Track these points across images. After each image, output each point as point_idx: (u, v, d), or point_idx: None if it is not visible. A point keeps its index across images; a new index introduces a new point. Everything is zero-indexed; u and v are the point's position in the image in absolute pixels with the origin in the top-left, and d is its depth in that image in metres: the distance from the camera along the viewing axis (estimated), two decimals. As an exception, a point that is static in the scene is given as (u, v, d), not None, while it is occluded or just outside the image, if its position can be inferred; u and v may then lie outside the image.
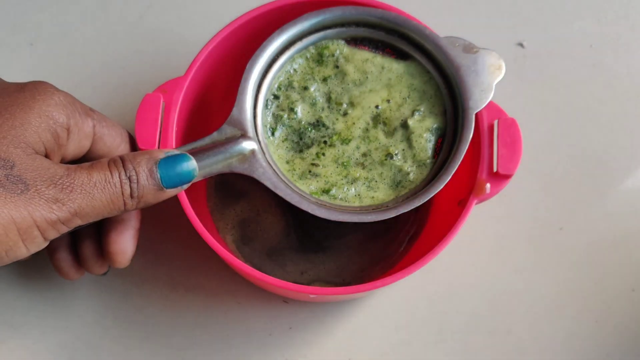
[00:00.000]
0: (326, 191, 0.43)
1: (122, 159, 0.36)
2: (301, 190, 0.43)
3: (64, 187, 0.34)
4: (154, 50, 0.56)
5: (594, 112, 0.56)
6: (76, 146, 0.39)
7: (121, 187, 0.36)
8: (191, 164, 0.38)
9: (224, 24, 0.46)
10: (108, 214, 0.36)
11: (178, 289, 0.51)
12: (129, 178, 0.36)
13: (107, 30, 0.57)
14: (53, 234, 0.35)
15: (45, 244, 0.35)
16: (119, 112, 0.53)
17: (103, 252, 0.42)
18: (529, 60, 0.57)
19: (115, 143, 0.41)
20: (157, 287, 0.51)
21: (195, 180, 0.39)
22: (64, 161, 0.39)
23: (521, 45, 0.58)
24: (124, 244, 0.41)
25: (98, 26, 0.57)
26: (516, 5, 0.59)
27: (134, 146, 0.42)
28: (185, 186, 0.38)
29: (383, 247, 0.51)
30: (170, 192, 0.37)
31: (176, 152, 0.38)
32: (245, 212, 0.52)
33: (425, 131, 0.44)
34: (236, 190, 0.52)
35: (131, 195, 0.36)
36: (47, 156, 0.36)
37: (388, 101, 0.44)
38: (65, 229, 0.35)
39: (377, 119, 0.44)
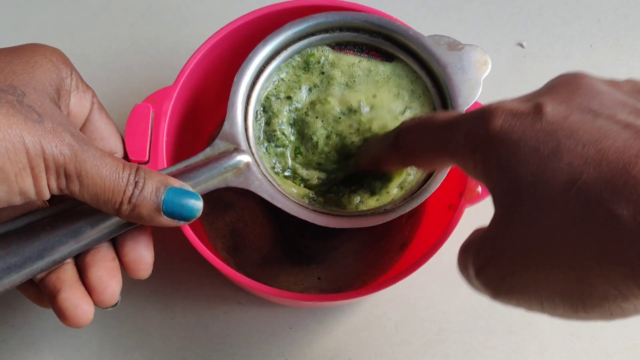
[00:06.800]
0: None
1: (137, 167, 0.36)
2: (298, 199, 0.42)
3: (80, 142, 0.34)
4: (143, 61, 0.56)
5: (594, 112, 0.56)
6: (77, 100, 0.38)
7: (126, 184, 0.35)
8: (199, 203, 0.37)
9: (211, 33, 0.46)
10: (103, 202, 0.35)
11: (179, 289, 0.51)
12: (136, 183, 0.35)
13: (100, 39, 0.57)
14: (54, 182, 0.33)
15: (46, 195, 0.34)
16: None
17: (122, 264, 0.39)
18: (529, 60, 0.57)
19: (112, 128, 0.41)
20: (158, 287, 0.51)
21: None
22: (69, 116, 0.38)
23: (521, 45, 0.58)
24: (142, 250, 0.39)
25: (96, 29, 0.57)
26: (516, 5, 0.59)
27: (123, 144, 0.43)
28: (182, 223, 0.37)
29: (377, 253, 0.51)
30: (165, 220, 0.36)
31: (190, 189, 0.37)
32: (234, 223, 0.51)
33: None
34: (223, 202, 0.52)
35: (129, 199, 0.35)
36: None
37: None
38: (63, 185, 0.34)
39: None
